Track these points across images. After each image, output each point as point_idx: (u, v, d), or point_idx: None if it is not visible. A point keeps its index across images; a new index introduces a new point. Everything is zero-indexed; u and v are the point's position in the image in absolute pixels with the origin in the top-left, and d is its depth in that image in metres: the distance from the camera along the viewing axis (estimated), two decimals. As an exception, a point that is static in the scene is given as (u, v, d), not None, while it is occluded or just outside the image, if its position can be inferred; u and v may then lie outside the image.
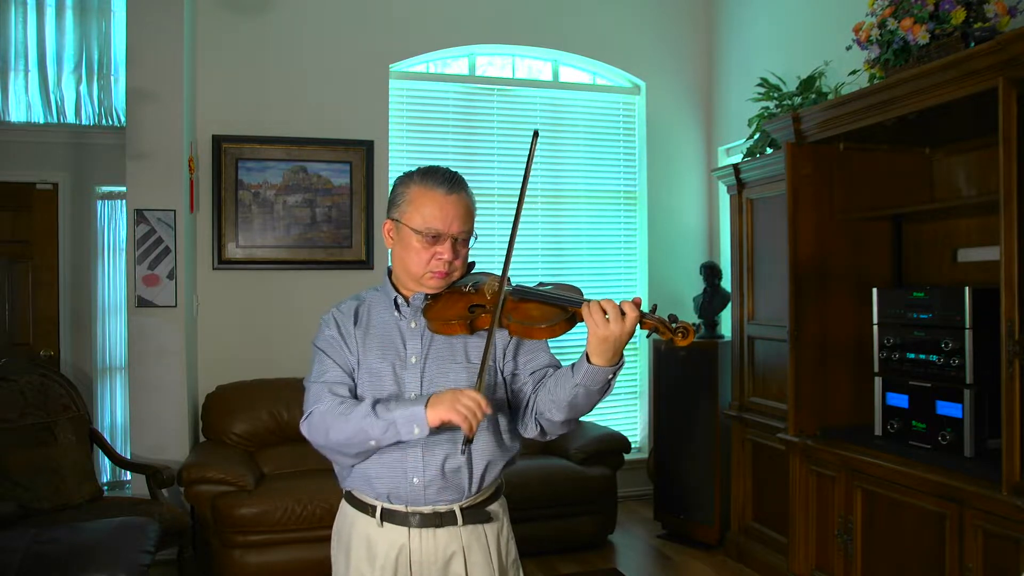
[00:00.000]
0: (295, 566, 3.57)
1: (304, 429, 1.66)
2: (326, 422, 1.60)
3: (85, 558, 2.73)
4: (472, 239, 1.71)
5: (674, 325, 1.48)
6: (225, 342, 4.42)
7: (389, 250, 1.77)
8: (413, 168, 1.74)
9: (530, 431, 1.71)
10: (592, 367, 1.52)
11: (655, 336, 1.50)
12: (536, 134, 1.66)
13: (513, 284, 1.66)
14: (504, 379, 1.73)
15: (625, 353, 1.56)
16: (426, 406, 1.52)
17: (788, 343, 3.32)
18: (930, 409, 2.85)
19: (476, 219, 1.72)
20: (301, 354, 4.34)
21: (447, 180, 1.67)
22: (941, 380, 2.82)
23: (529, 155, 1.62)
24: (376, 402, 1.58)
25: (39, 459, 3.56)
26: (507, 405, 1.73)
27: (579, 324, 1.57)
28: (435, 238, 1.65)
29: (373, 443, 1.57)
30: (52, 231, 4.66)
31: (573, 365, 1.58)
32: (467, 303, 1.65)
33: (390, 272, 1.78)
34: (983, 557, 2.43)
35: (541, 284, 1.68)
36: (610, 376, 1.54)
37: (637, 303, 1.49)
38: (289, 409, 4.11)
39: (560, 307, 1.57)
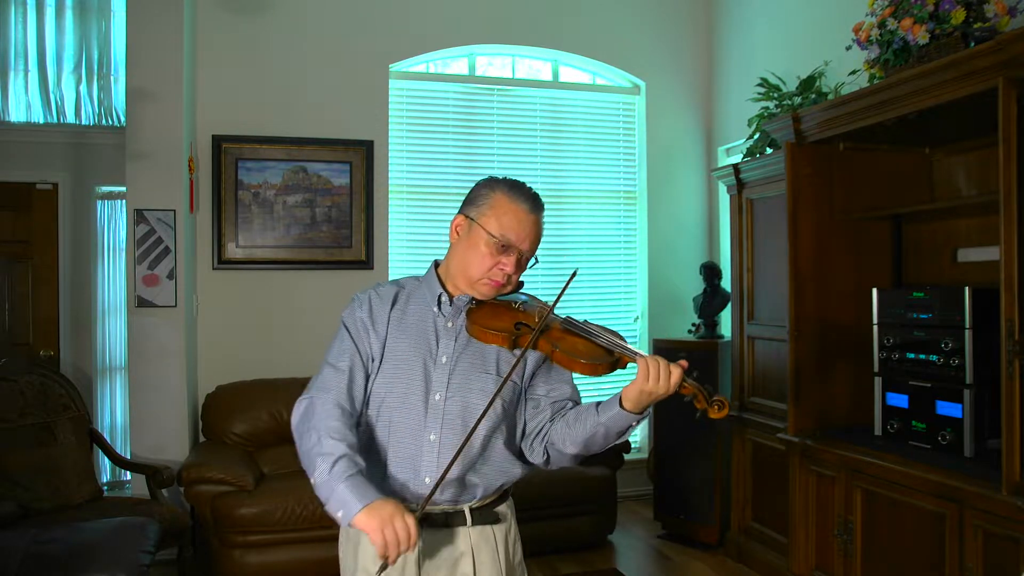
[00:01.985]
0: (295, 566, 3.57)
1: (297, 409, 1.64)
2: (309, 422, 1.58)
3: (85, 558, 2.73)
4: (532, 262, 1.73)
5: (713, 398, 1.54)
6: (225, 342, 4.42)
7: (449, 244, 1.75)
8: (498, 175, 1.75)
9: (536, 456, 1.73)
10: (622, 412, 1.57)
11: (690, 401, 1.55)
12: (574, 273, 1.70)
13: (563, 316, 1.69)
14: (525, 400, 1.75)
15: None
16: (366, 506, 1.45)
17: (788, 343, 3.32)
18: (930, 409, 2.85)
19: None
20: (301, 354, 4.37)
21: (532, 199, 1.70)
22: (941, 380, 2.82)
23: (563, 289, 1.66)
24: (342, 456, 1.51)
25: (39, 459, 3.56)
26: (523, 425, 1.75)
27: (614, 372, 1.62)
28: (505, 248, 1.66)
29: (313, 481, 1.54)
30: (52, 231, 4.66)
31: (599, 405, 1.62)
32: (514, 319, 1.67)
33: (436, 265, 1.78)
34: (983, 557, 2.43)
35: (586, 323, 1.70)
36: (633, 423, 1.59)
37: (684, 367, 1.54)
38: (289, 409, 4.06)
39: (605, 349, 1.61)
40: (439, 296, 1.72)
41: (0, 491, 3.38)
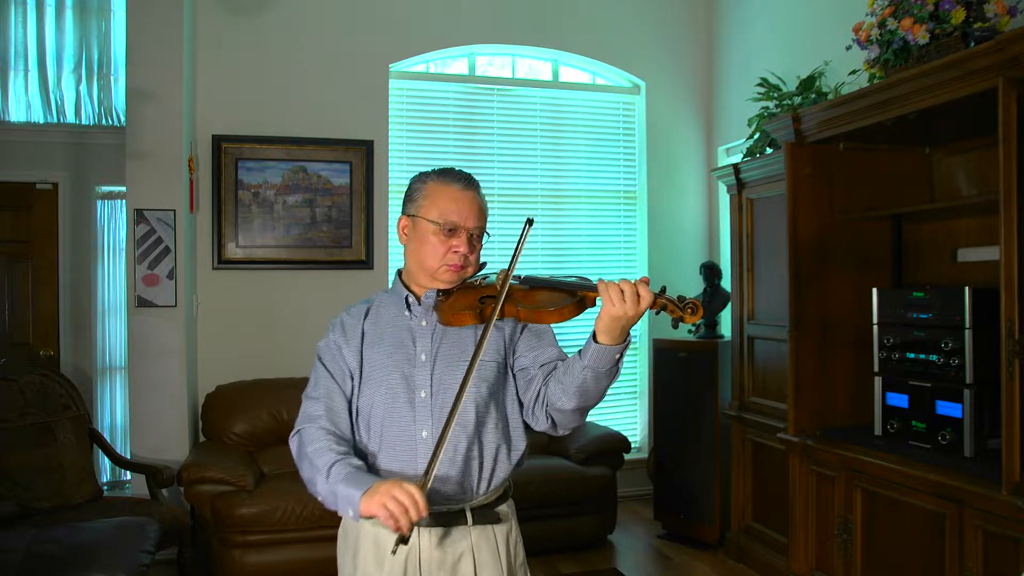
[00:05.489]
0: (295, 566, 3.57)
1: (292, 445, 1.71)
2: (301, 452, 1.65)
3: (85, 558, 2.73)
4: (485, 237, 1.75)
5: (684, 303, 1.54)
6: (225, 342, 4.42)
7: (402, 247, 1.79)
8: (428, 168, 1.79)
9: (540, 424, 1.71)
10: (599, 346, 1.53)
11: (664, 314, 1.56)
12: (530, 221, 1.65)
13: (523, 275, 1.69)
14: (513, 374, 1.75)
15: (632, 332, 1.58)
16: (365, 491, 1.49)
17: (788, 343, 3.32)
18: (930, 409, 2.85)
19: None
20: (301, 354, 4.35)
21: (463, 177, 1.74)
22: (941, 380, 2.82)
23: (520, 241, 1.61)
24: (335, 462, 1.57)
25: (39, 459, 3.56)
26: (517, 401, 1.75)
27: (586, 311, 1.60)
28: (452, 231, 1.69)
29: (319, 498, 1.61)
30: (52, 231, 4.66)
31: (580, 350, 1.60)
32: (479, 295, 1.68)
33: (400, 273, 1.81)
34: (983, 557, 2.43)
35: (551, 276, 1.71)
36: (617, 356, 1.55)
37: (647, 283, 1.54)
38: (289, 409, 4.11)
39: (568, 291, 1.60)
40: (406, 298, 1.74)
41: (0, 491, 3.38)
